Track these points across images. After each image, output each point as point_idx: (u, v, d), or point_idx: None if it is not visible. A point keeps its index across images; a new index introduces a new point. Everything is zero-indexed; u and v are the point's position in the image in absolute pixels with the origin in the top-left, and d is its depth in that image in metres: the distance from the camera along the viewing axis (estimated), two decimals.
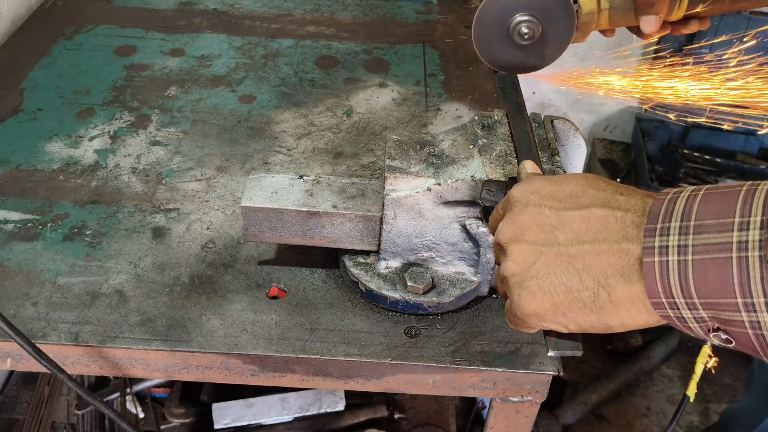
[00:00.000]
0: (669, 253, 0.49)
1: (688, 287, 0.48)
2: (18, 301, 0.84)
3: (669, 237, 0.50)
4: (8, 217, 0.96)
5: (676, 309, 0.50)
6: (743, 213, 0.47)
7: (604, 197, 0.56)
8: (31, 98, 1.21)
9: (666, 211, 0.51)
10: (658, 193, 0.53)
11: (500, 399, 0.85)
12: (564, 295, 0.56)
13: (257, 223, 0.82)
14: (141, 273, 0.89)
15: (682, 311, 0.50)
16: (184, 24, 1.46)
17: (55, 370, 0.74)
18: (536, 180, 0.62)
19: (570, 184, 0.59)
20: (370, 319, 0.85)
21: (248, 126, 1.17)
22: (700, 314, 0.49)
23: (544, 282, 0.57)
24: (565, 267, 0.55)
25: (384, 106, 1.23)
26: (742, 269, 0.46)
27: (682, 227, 0.49)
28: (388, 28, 1.50)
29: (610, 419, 2.11)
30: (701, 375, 0.86)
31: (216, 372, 0.83)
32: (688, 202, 0.50)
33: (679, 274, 0.49)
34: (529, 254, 0.58)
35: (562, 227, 0.57)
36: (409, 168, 0.79)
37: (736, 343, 0.49)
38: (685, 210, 0.50)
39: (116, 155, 1.09)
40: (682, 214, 0.50)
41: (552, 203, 0.58)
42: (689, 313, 0.50)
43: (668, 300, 0.50)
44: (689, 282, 0.48)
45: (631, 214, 0.54)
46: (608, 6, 0.89)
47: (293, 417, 1.54)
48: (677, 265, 0.49)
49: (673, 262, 0.49)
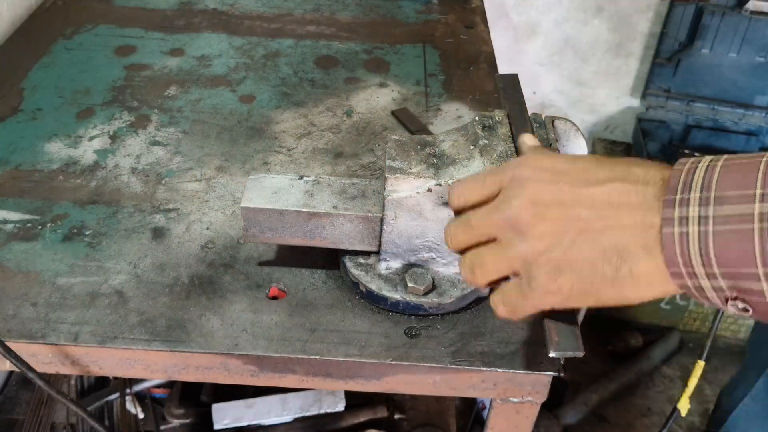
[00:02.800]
0: (689, 224, 0.50)
1: (708, 257, 0.49)
2: (17, 301, 0.84)
3: (689, 208, 0.50)
4: (7, 218, 0.96)
5: (694, 279, 0.51)
6: (765, 184, 0.48)
7: (621, 171, 0.56)
8: (31, 98, 1.21)
9: (684, 182, 0.51)
10: (675, 164, 0.53)
11: (500, 399, 0.85)
12: (589, 270, 0.55)
13: (257, 224, 0.82)
14: (140, 273, 0.89)
15: (701, 281, 0.50)
16: (183, 24, 1.46)
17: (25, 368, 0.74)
18: (544, 157, 0.61)
19: (581, 161, 0.59)
20: (370, 319, 0.84)
21: (248, 126, 1.17)
22: (718, 284, 0.50)
23: (571, 259, 0.56)
24: (590, 243, 0.55)
25: (384, 106, 1.23)
26: (765, 240, 0.47)
27: (702, 198, 0.50)
28: (388, 28, 1.50)
29: (610, 420, 2.10)
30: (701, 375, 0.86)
31: (216, 372, 0.83)
32: (707, 173, 0.50)
33: (700, 245, 0.49)
34: (554, 233, 0.57)
35: (584, 203, 0.56)
36: (410, 169, 0.79)
37: (754, 312, 0.50)
38: (704, 181, 0.50)
39: (116, 155, 1.09)
40: (702, 186, 0.50)
41: (568, 179, 0.58)
42: (708, 283, 0.50)
43: (687, 270, 0.50)
44: (709, 252, 0.49)
45: (651, 187, 0.54)
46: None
47: (293, 417, 1.54)
48: (697, 236, 0.49)
49: (693, 233, 0.50)
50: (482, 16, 1.57)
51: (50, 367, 0.83)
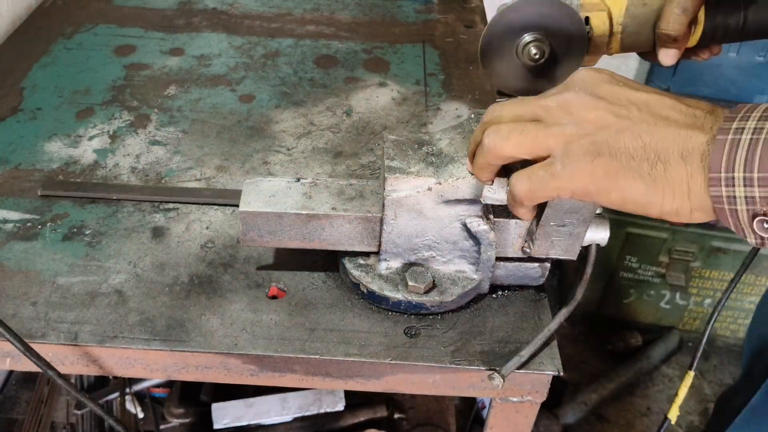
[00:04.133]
0: (744, 133, 0.54)
1: (753, 163, 0.53)
2: (17, 300, 0.84)
3: (747, 122, 0.54)
4: (7, 217, 0.96)
5: (730, 186, 0.54)
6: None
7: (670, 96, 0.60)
8: (31, 98, 1.21)
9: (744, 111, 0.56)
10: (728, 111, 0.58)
11: (500, 399, 0.85)
12: (626, 161, 0.58)
13: (256, 228, 0.82)
14: (140, 273, 0.89)
15: (736, 188, 0.54)
16: (183, 23, 1.46)
17: (46, 368, 0.74)
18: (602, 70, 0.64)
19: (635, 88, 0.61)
20: (370, 318, 0.84)
21: (248, 126, 1.17)
22: (752, 193, 0.53)
23: (614, 146, 0.58)
24: (634, 137, 0.58)
25: (384, 106, 1.23)
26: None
27: (762, 117, 0.54)
28: (388, 27, 1.50)
29: (610, 419, 2.11)
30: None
31: (215, 372, 0.83)
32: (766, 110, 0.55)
33: (748, 151, 0.53)
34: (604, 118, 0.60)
35: (637, 105, 0.60)
36: (409, 168, 0.79)
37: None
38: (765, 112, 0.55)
39: (116, 155, 1.09)
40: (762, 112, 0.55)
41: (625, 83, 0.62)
42: (742, 191, 0.53)
43: (727, 175, 0.54)
44: (755, 157, 0.53)
45: (698, 110, 0.58)
46: (621, 30, 0.87)
47: (293, 417, 1.54)
48: (748, 142, 0.53)
49: (744, 140, 0.53)
50: (482, 15, 1.58)
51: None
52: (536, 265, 0.85)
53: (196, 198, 1.00)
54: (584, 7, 0.86)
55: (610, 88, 0.62)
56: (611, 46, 0.90)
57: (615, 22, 0.87)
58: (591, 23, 0.86)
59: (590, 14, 0.86)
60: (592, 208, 0.77)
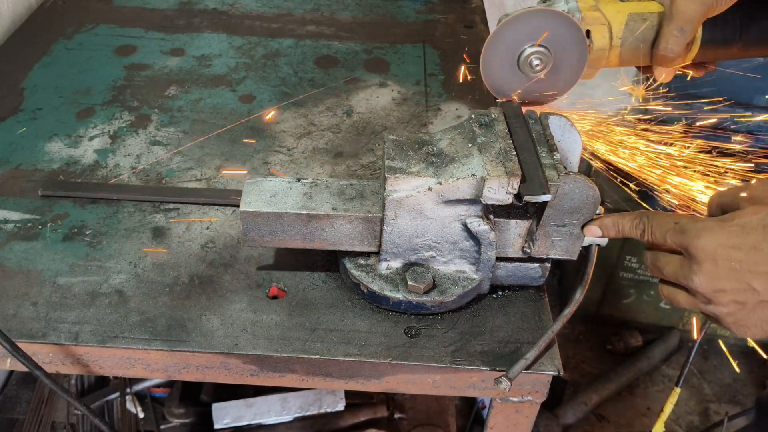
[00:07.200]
0: None
1: None
2: (18, 300, 0.84)
3: None
4: (8, 217, 0.96)
5: None
6: None
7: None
8: (31, 98, 1.21)
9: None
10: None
11: (500, 399, 0.85)
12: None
13: (256, 228, 0.82)
14: (141, 273, 0.89)
15: None
16: (184, 24, 1.46)
17: (33, 367, 0.74)
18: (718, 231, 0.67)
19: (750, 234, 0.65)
20: (370, 319, 0.85)
21: (248, 126, 1.17)
22: None
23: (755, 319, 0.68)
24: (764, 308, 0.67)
25: (384, 106, 1.23)
26: None
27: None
28: (388, 27, 1.50)
29: (610, 419, 2.10)
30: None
31: (216, 372, 0.83)
32: None
33: None
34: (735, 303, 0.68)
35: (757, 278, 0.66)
36: (410, 168, 0.79)
37: None
38: None
39: (116, 155, 1.09)
40: None
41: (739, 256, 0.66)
42: None
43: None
44: None
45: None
46: (620, 44, 0.89)
47: (293, 417, 1.54)
48: None
49: None
50: (482, 15, 1.58)
51: (50, 366, 0.83)
52: (536, 266, 0.85)
53: (196, 198, 1.00)
54: (585, 20, 0.87)
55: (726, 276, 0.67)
56: (610, 59, 0.91)
57: (615, 36, 0.88)
58: (592, 36, 0.88)
59: (591, 27, 0.87)
60: (593, 209, 0.77)
